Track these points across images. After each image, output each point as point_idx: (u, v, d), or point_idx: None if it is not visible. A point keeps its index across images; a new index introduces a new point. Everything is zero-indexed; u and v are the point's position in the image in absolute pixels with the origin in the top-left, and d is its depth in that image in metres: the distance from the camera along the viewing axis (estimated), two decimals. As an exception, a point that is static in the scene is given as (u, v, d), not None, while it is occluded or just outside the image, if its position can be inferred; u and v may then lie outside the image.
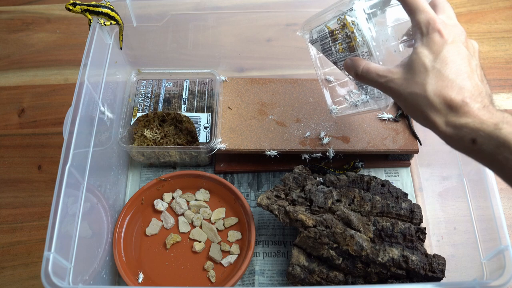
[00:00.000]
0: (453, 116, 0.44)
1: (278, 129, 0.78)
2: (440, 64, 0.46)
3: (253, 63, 0.92)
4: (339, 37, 0.60)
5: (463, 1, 1.02)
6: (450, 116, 0.44)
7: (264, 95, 0.83)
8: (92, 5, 0.68)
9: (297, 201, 0.68)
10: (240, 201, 0.75)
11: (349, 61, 0.56)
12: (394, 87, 0.48)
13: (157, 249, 0.73)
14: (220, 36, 0.84)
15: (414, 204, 0.69)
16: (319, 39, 0.63)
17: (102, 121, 0.70)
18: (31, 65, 0.97)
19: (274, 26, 0.83)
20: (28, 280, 0.73)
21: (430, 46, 0.47)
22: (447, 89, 0.44)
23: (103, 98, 0.70)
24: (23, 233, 0.77)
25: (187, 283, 0.70)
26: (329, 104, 0.77)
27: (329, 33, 0.61)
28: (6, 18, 1.04)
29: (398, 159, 0.81)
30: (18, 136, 0.88)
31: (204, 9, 0.78)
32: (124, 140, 0.77)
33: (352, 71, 0.55)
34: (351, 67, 0.55)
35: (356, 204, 0.67)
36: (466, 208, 0.64)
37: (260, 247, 0.74)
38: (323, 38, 0.62)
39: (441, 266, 0.63)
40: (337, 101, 0.77)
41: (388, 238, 0.64)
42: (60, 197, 0.55)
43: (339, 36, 0.60)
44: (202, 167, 0.82)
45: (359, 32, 0.57)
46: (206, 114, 0.81)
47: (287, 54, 0.88)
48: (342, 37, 0.60)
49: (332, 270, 0.65)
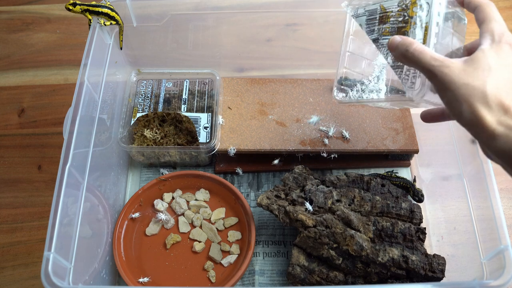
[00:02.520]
0: (506, 118, 0.46)
1: (278, 129, 0.78)
2: (505, 69, 0.48)
3: (253, 63, 0.92)
4: (390, 19, 0.59)
5: (463, 1, 1.02)
6: (503, 117, 0.46)
7: (264, 95, 0.83)
8: (92, 5, 0.68)
9: (297, 201, 0.68)
10: (240, 201, 0.75)
11: (398, 38, 0.53)
12: (448, 73, 0.48)
13: (157, 249, 0.73)
14: (220, 36, 0.84)
15: (414, 204, 0.69)
16: (367, 13, 0.63)
17: (102, 121, 0.70)
18: (31, 65, 0.97)
19: (274, 26, 0.83)
20: (28, 280, 0.73)
21: (498, 52, 0.49)
22: (506, 94, 0.46)
23: (103, 98, 0.70)
24: (23, 233, 0.77)
25: (187, 283, 0.70)
26: (336, 85, 0.71)
27: (381, 12, 0.61)
28: (6, 18, 1.04)
29: (398, 159, 0.81)
30: (18, 136, 0.88)
31: (204, 9, 0.78)
32: (124, 140, 0.77)
33: (400, 48, 0.53)
34: (400, 44, 0.52)
35: (356, 204, 0.67)
36: (466, 208, 0.64)
37: (260, 247, 0.74)
38: (371, 14, 0.63)
39: (441, 266, 0.63)
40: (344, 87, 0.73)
41: (388, 238, 0.64)
42: (60, 197, 0.55)
43: (391, 18, 0.59)
44: (202, 167, 0.82)
45: (420, 22, 0.56)
46: (206, 114, 0.81)
47: (287, 54, 0.88)
48: (395, 20, 0.59)
49: (332, 270, 0.65)
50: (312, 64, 0.89)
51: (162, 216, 0.74)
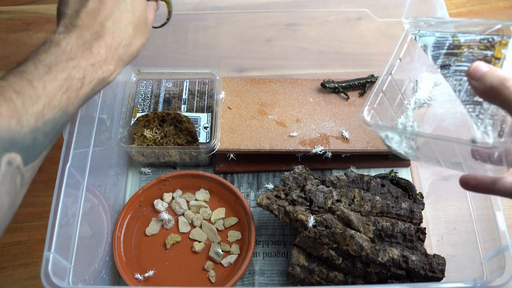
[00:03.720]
0: None
1: (278, 129, 0.78)
2: None
3: (253, 63, 0.92)
4: (464, 54, 0.50)
5: (463, 1, 1.03)
6: None
7: (264, 95, 0.83)
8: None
9: (297, 201, 0.68)
10: (240, 201, 0.75)
11: (485, 67, 0.42)
12: None
13: (157, 249, 0.73)
14: (220, 36, 0.84)
15: (414, 204, 0.69)
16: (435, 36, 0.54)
17: (102, 121, 0.70)
18: (31, 65, 0.97)
19: (274, 26, 0.83)
20: (28, 280, 0.73)
21: None
22: None
23: (103, 98, 0.70)
24: (23, 233, 0.77)
25: (187, 283, 0.70)
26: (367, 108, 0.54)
27: (452, 45, 0.52)
28: (6, 18, 1.04)
29: (398, 159, 0.81)
30: (18, 136, 0.88)
31: (204, 9, 0.78)
32: (124, 140, 0.77)
33: (486, 79, 0.42)
34: (489, 75, 0.42)
35: (356, 204, 0.67)
36: (466, 208, 0.64)
37: (260, 247, 0.74)
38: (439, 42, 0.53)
39: (441, 266, 0.63)
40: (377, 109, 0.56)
41: (388, 238, 0.64)
42: (60, 197, 0.55)
43: (466, 53, 0.50)
44: (202, 167, 0.82)
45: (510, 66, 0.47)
46: (206, 114, 0.81)
47: (287, 54, 0.88)
48: (472, 57, 0.50)
49: (332, 270, 0.65)
50: (312, 64, 0.89)
51: (162, 216, 0.74)
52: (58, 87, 0.42)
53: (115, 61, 0.49)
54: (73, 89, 0.43)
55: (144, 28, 0.54)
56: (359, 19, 0.81)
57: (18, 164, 0.39)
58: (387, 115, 0.56)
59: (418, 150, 0.51)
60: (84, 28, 0.47)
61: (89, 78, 0.45)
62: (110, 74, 0.48)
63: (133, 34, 0.51)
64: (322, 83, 0.82)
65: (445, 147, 0.47)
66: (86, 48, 0.45)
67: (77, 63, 0.44)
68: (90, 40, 0.46)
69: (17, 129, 0.38)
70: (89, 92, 0.46)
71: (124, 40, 0.49)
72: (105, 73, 0.47)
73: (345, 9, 0.79)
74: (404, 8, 0.75)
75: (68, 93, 0.43)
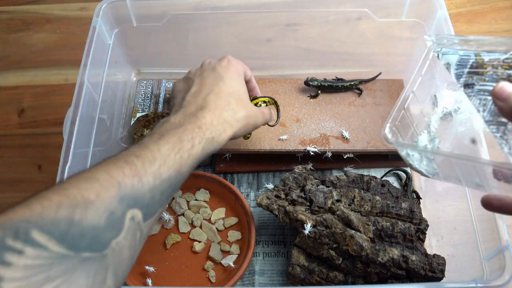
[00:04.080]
0: None
1: (278, 129, 0.78)
2: None
3: (253, 63, 0.91)
4: (487, 73, 0.49)
5: (463, 1, 1.03)
6: None
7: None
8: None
9: (297, 201, 0.68)
10: (240, 201, 0.75)
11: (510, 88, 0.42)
12: None
13: (157, 249, 0.73)
14: (220, 36, 0.84)
15: (414, 204, 0.68)
16: (458, 55, 0.52)
17: (102, 121, 0.70)
18: (31, 65, 0.97)
19: (274, 26, 0.83)
20: (28, 280, 0.73)
21: None
22: None
23: (103, 98, 0.70)
24: (23, 233, 0.77)
25: (187, 283, 0.71)
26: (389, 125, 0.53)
27: (475, 64, 0.51)
28: (6, 18, 1.04)
29: (398, 159, 0.81)
30: (18, 136, 0.88)
31: (204, 9, 0.78)
32: (124, 140, 0.77)
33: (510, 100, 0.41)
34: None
35: (356, 204, 0.67)
36: (466, 208, 0.64)
37: (260, 247, 0.74)
38: (461, 62, 0.52)
39: (441, 266, 0.63)
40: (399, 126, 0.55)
41: (388, 238, 0.64)
42: (60, 197, 0.55)
43: (488, 72, 0.49)
44: (202, 167, 0.82)
45: None
46: (206, 114, 0.81)
47: (287, 54, 0.88)
48: (494, 76, 0.49)
49: (332, 270, 0.65)
50: (312, 64, 0.89)
51: (162, 216, 0.74)
52: (170, 148, 0.47)
53: (221, 124, 0.54)
54: (184, 150, 0.48)
55: (246, 101, 0.61)
56: (359, 19, 0.81)
57: (139, 220, 0.42)
58: (408, 133, 0.56)
59: (438, 168, 0.50)
60: (189, 105, 0.54)
61: (198, 139, 0.50)
62: (219, 134, 0.53)
63: (235, 103, 0.57)
64: (305, 81, 0.81)
65: (466, 166, 0.46)
66: (192, 116, 0.52)
67: (185, 128, 0.50)
68: (195, 111, 0.53)
69: (138, 187, 0.42)
70: (200, 152, 0.50)
71: (226, 106, 0.56)
72: (213, 133, 0.52)
73: (345, 9, 0.79)
74: (404, 8, 0.75)
75: (181, 153, 0.47)
